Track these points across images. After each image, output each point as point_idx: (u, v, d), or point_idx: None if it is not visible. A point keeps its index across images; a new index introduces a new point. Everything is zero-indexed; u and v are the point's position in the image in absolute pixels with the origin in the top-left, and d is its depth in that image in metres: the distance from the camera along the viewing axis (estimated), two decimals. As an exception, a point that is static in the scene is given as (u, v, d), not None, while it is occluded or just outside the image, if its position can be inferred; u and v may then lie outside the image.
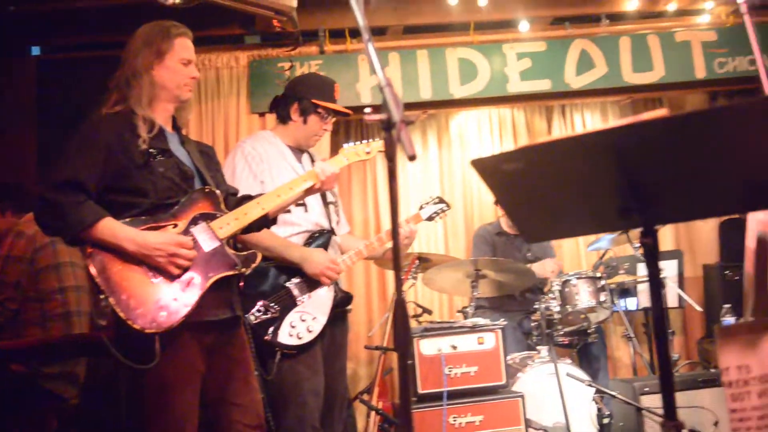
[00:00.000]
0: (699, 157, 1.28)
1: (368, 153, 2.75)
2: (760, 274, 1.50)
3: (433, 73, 4.87)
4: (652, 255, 1.43)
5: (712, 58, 4.80)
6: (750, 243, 1.52)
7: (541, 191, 1.47)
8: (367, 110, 1.51)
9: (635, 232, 3.94)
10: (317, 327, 2.74)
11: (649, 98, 5.43)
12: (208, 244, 2.15)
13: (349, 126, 5.36)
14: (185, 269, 2.08)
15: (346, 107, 3.04)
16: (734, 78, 4.79)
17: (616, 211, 1.44)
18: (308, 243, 2.85)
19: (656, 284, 1.43)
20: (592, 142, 1.32)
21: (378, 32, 5.06)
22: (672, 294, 4.37)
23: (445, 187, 5.50)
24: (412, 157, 1.36)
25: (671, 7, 4.70)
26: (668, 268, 4.41)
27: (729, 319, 3.79)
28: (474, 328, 3.35)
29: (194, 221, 2.15)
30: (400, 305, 1.39)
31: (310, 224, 2.88)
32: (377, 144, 2.75)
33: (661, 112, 1.22)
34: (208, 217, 2.18)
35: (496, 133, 5.57)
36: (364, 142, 2.75)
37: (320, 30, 4.87)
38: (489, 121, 5.58)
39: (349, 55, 4.89)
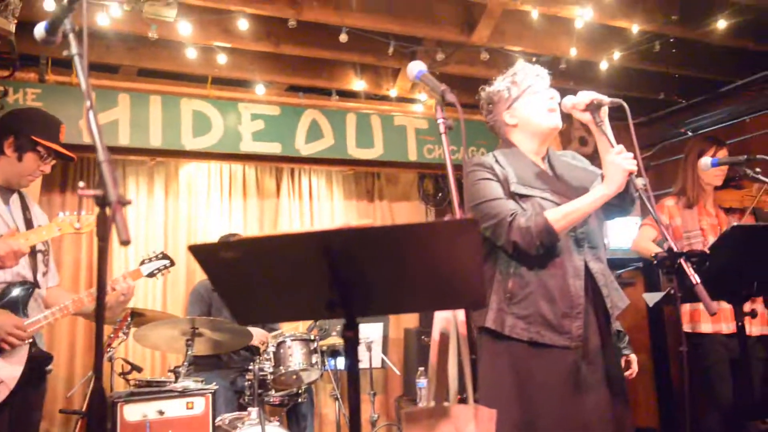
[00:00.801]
0: (397, 263, 1.42)
1: (79, 229, 2.56)
2: (441, 366, 1.69)
3: (165, 120, 4.72)
4: (352, 346, 1.54)
5: (422, 144, 5.37)
6: (435, 336, 1.71)
7: (255, 280, 1.51)
8: (81, 184, 1.42)
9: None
10: (3, 391, 2.44)
11: (369, 172, 5.88)
12: None
13: (67, 164, 4.93)
14: None
15: (67, 144, 2.80)
16: (439, 164, 5.41)
17: (323, 303, 1.53)
18: (3, 295, 2.54)
19: (354, 375, 1.53)
20: (304, 241, 1.40)
21: (110, 70, 4.78)
22: (377, 356, 4.68)
23: (169, 236, 5.31)
24: (125, 242, 1.31)
25: (393, 93, 5.18)
26: (375, 331, 4.73)
27: (423, 381, 4.18)
28: (183, 393, 3.24)
29: None
30: (97, 395, 1.30)
31: (9, 274, 2.57)
32: (90, 220, 2.58)
33: (367, 222, 1.33)
34: None
35: (226, 187, 5.56)
36: (80, 215, 2.57)
37: (42, 57, 4.45)
38: (219, 175, 5.56)
39: (73, 89, 4.52)
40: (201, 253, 1.46)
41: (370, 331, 4.64)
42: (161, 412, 3.15)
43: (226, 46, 4.38)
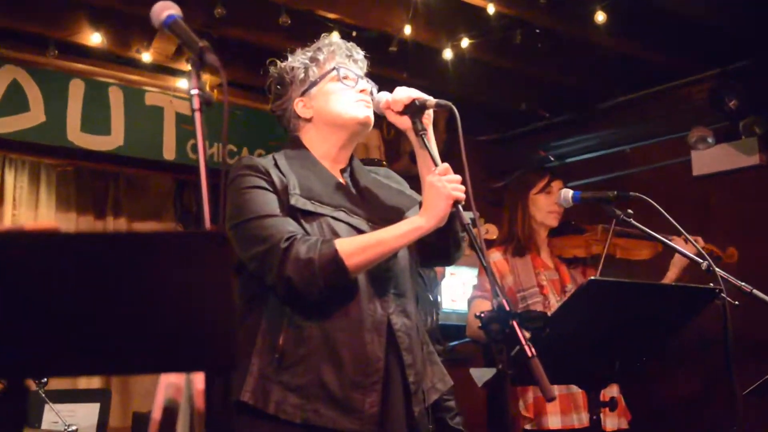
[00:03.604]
0: (95, 294, 1.29)
1: None
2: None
3: None
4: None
5: (185, 137, 5.35)
6: (155, 414, 1.65)
7: None
8: None
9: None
10: None
11: (102, 171, 5.67)
12: None
13: None
14: None
15: None
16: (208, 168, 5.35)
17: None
18: None
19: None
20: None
21: None
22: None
23: None
24: None
25: (146, 58, 5.00)
26: (85, 416, 4.45)
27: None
28: None
29: None
30: None
31: None
32: None
33: (50, 224, 1.26)
34: None
35: None
36: None
37: None
38: None
39: None
40: None
41: (77, 415, 4.40)
42: None
43: None
